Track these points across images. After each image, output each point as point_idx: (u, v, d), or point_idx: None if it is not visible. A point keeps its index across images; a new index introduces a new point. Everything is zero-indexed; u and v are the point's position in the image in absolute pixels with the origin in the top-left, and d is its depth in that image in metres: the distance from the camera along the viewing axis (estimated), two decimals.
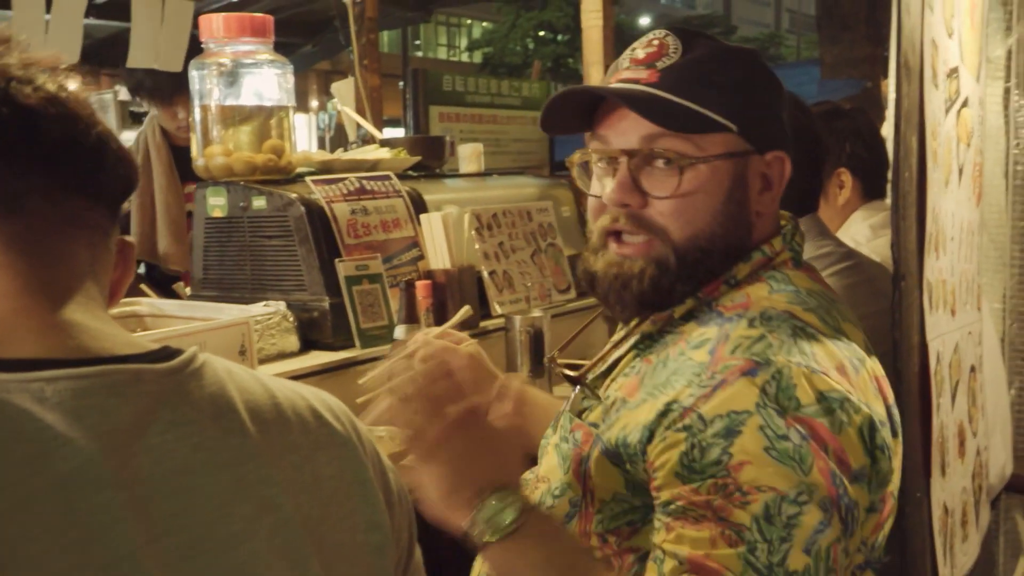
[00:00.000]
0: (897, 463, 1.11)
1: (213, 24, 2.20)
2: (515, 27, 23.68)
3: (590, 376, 1.29)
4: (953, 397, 1.51)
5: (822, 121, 2.42)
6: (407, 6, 5.15)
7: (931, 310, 1.38)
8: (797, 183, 1.95)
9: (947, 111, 1.44)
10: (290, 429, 0.87)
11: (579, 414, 1.26)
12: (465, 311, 1.79)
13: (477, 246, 2.44)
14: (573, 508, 1.18)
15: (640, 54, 1.23)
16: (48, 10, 2.52)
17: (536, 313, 2.27)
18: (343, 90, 3.60)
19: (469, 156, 2.93)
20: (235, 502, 0.80)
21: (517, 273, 2.54)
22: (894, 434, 1.10)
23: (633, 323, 1.30)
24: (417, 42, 28.65)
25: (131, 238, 0.94)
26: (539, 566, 1.04)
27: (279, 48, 2.34)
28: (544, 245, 2.65)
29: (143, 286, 2.68)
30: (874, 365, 1.14)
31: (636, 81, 1.20)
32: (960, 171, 1.53)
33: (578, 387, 1.30)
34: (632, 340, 1.25)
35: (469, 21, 29.96)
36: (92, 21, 4.50)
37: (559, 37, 23.23)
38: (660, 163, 1.18)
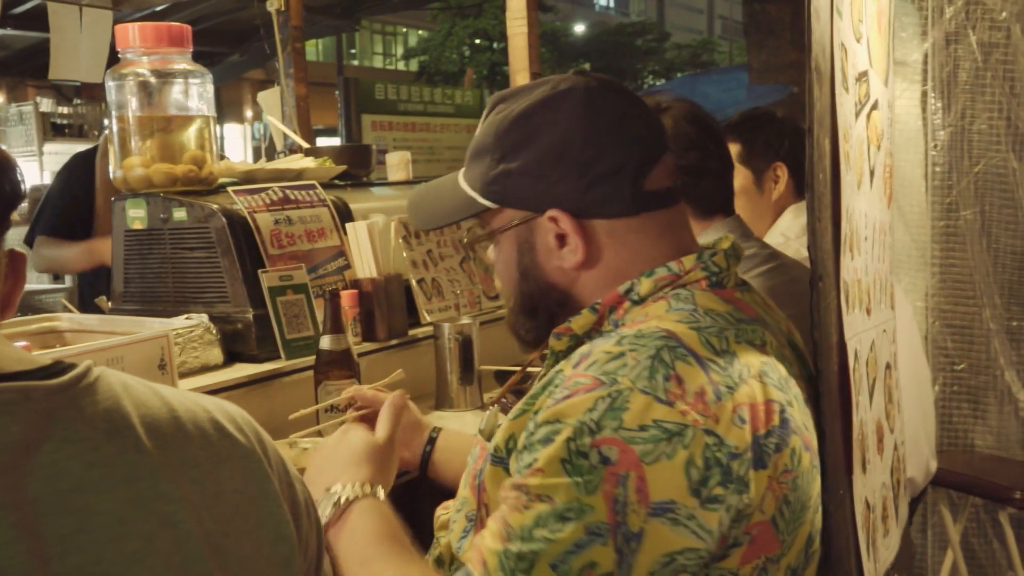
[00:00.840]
0: (765, 490, 1.05)
1: (130, 33, 2.16)
2: (451, 35, 23.67)
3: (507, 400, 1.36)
4: (871, 395, 1.53)
5: (763, 120, 2.46)
6: (334, 14, 5.11)
7: (848, 310, 1.39)
8: (706, 192, 1.97)
9: (857, 114, 1.47)
10: (190, 443, 0.85)
11: (489, 435, 1.29)
12: (397, 374, 1.82)
13: (405, 254, 2.43)
14: (469, 523, 1.22)
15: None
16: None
17: (465, 320, 2.27)
18: (269, 100, 3.57)
19: (397, 164, 2.91)
20: (132, 520, 0.78)
21: (446, 281, 2.53)
22: (759, 463, 1.04)
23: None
24: (352, 51, 28.50)
25: (21, 249, 0.91)
26: (353, 537, 1.24)
27: (206, 57, 2.32)
28: (472, 253, 2.64)
29: (64, 301, 2.62)
30: (757, 391, 1.08)
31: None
32: (872, 173, 1.56)
33: (493, 405, 1.35)
34: (549, 362, 1.27)
35: (405, 29, 29.89)
36: (10, 32, 4.41)
37: (495, 45, 23.27)
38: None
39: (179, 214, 2.10)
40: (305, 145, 2.77)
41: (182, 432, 0.85)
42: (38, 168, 5.25)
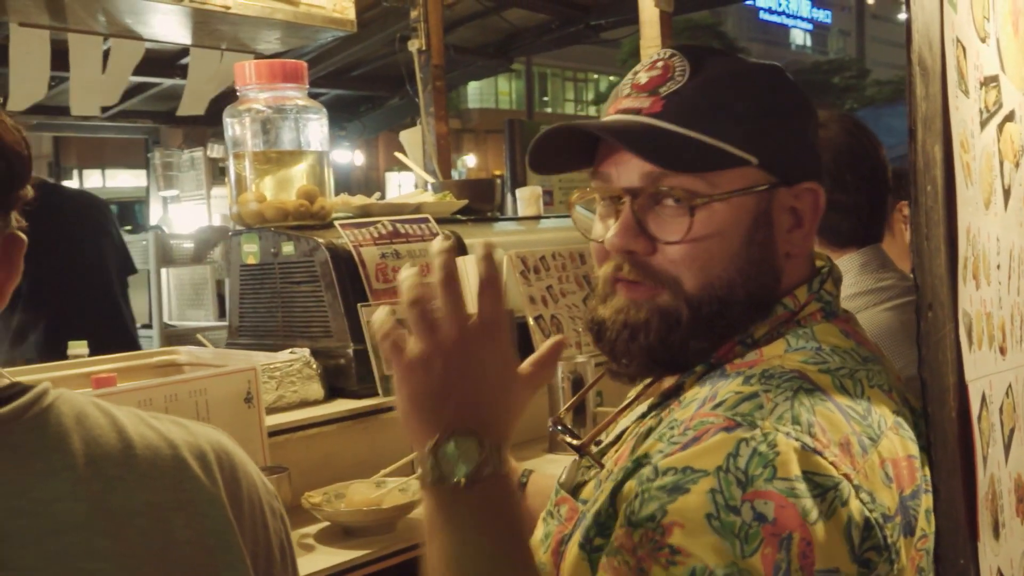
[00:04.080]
0: (911, 559, 0.92)
1: (247, 71, 2.19)
2: None
3: (595, 447, 1.14)
4: (1007, 447, 1.32)
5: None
6: (487, 55, 5.15)
7: (971, 346, 1.21)
8: (857, 211, 1.82)
9: (984, 123, 1.28)
10: (141, 488, 0.77)
11: (573, 489, 1.12)
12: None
13: (522, 289, 2.34)
14: None
15: (642, 79, 1.07)
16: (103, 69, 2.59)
17: (580, 359, 2.15)
18: (411, 139, 3.59)
19: (527, 199, 2.85)
20: None
21: (567, 318, 2.43)
22: (908, 531, 0.92)
23: (640, 387, 1.16)
24: (545, 98, 29.10)
25: (20, 232, 0.83)
26: (464, 542, 0.89)
27: (367, 101, 2.32)
28: None
29: (199, 335, 2.68)
30: (897, 444, 0.95)
31: (637, 111, 1.05)
32: (1007, 192, 1.36)
33: (578, 457, 1.17)
34: (638, 410, 1.11)
35: (596, 76, 30.27)
36: (180, 82, 4.63)
37: None
38: (668, 203, 1.03)
39: (287, 248, 2.10)
40: (429, 179, 2.74)
41: (133, 474, 0.77)
42: (207, 210, 5.52)
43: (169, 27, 2.51)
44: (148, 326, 4.78)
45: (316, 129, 2.25)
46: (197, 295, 5.17)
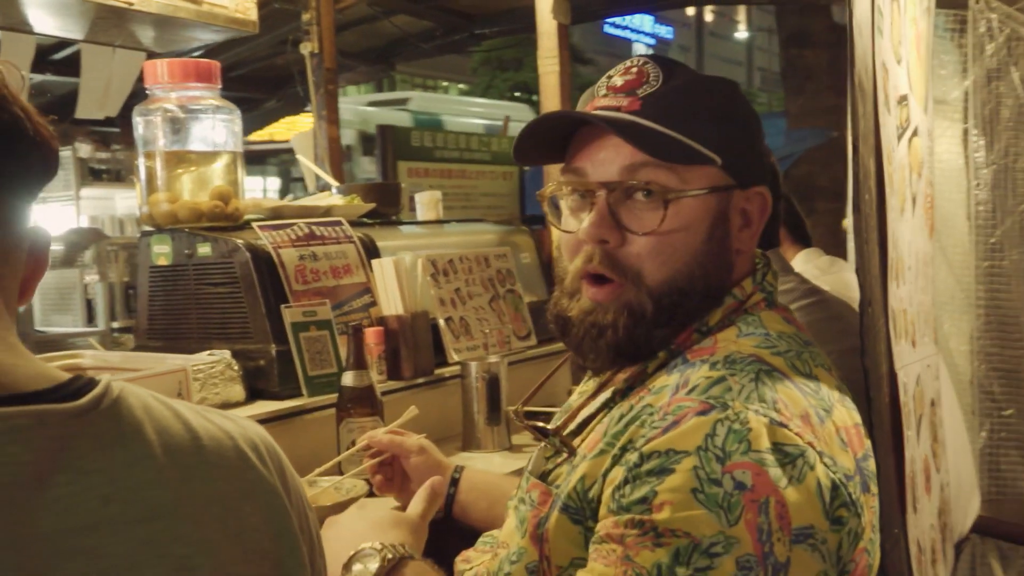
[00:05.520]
0: (870, 516, 1.03)
1: (158, 70, 2.15)
2: (490, 88, 23.88)
3: (563, 432, 1.21)
4: (918, 431, 1.45)
5: None
6: (369, 60, 5.14)
7: (896, 339, 1.32)
8: None
9: (899, 138, 1.41)
10: (214, 476, 0.79)
11: (541, 474, 1.19)
12: (411, 411, 1.77)
13: (432, 292, 2.38)
14: (530, 575, 1.10)
15: (618, 81, 1.16)
16: None
17: (493, 359, 2.21)
18: (302, 141, 3.57)
19: (427, 204, 2.88)
20: (145, 564, 0.71)
21: (475, 319, 2.48)
22: (865, 488, 1.02)
23: (604, 376, 1.24)
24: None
25: (44, 227, 0.84)
26: None
27: (241, 103, 2.30)
28: (503, 291, 2.59)
29: (92, 341, 2.60)
30: (845, 414, 1.06)
31: (617, 109, 1.14)
32: (914, 200, 1.49)
33: (543, 444, 1.24)
34: (604, 397, 1.18)
35: (446, 84, 30.24)
36: (50, 78, 4.46)
37: (534, 97, 23.43)
38: (641, 196, 1.11)
39: (204, 249, 2.08)
40: (335, 184, 2.75)
41: (205, 463, 0.79)
42: (75, 212, 5.30)
43: (66, 22, 2.43)
44: None
45: (229, 129, 2.23)
46: (64, 300, 4.97)
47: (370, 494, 1.71)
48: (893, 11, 1.40)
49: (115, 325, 4.56)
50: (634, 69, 1.16)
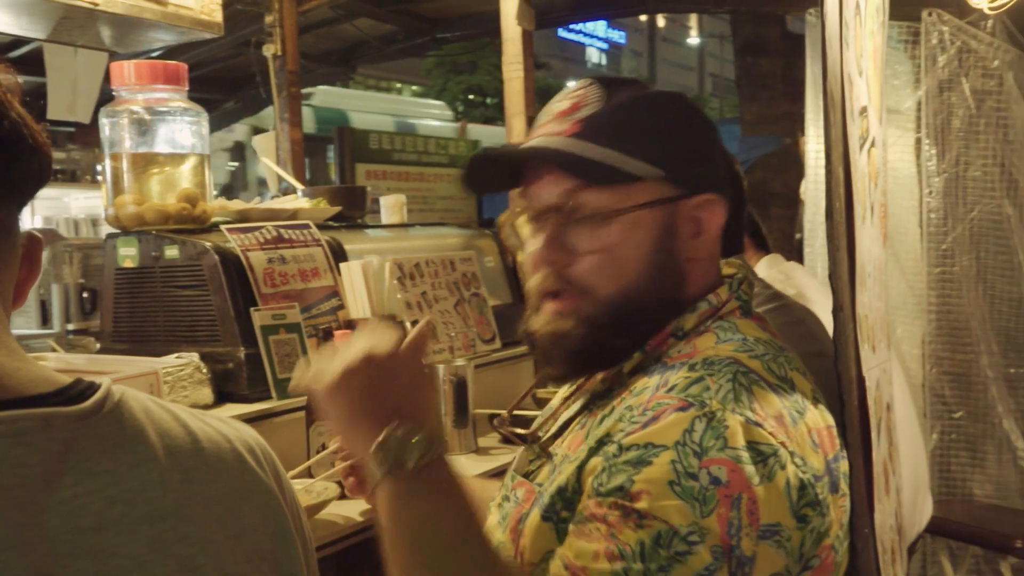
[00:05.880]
0: (838, 515, 1.07)
1: (125, 71, 2.15)
2: (445, 90, 23.87)
3: (542, 436, 1.25)
4: (878, 434, 1.50)
5: None
6: (330, 63, 5.14)
7: (861, 344, 1.37)
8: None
9: (860, 148, 1.45)
10: (214, 478, 0.80)
11: (525, 475, 1.22)
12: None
13: (399, 295, 2.39)
14: None
15: (562, 106, 1.20)
16: None
17: (460, 362, 2.23)
18: (264, 143, 3.56)
19: (392, 207, 2.89)
20: (151, 564, 0.73)
21: (441, 323, 2.50)
22: (834, 488, 1.06)
23: (581, 380, 1.27)
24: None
25: (38, 232, 0.85)
26: (424, 519, 0.99)
27: (200, 104, 2.29)
28: (468, 295, 2.61)
29: (51, 343, 2.58)
30: (818, 416, 1.10)
31: (557, 134, 1.17)
32: (872, 209, 1.54)
33: (525, 446, 1.27)
34: (582, 401, 1.23)
35: (399, 85, 30.14)
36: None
37: (488, 100, 23.47)
38: (584, 217, 1.15)
39: (171, 252, 2.07)
40: (300, 187, 2.75)
41: (205, 465, 0.80)
42: (29, 213, 5.22)
43: (30, 21, 2.41)
44: None
45: (196, 132, 2.23)
46: None
47: (342, 496, 1.72)
48: (856, 25, 1.45)
49: (71, 327, 4.50)
50: (578, 92, 1.21)
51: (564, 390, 1.36)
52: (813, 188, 3.56)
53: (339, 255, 2.32)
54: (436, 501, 1.00)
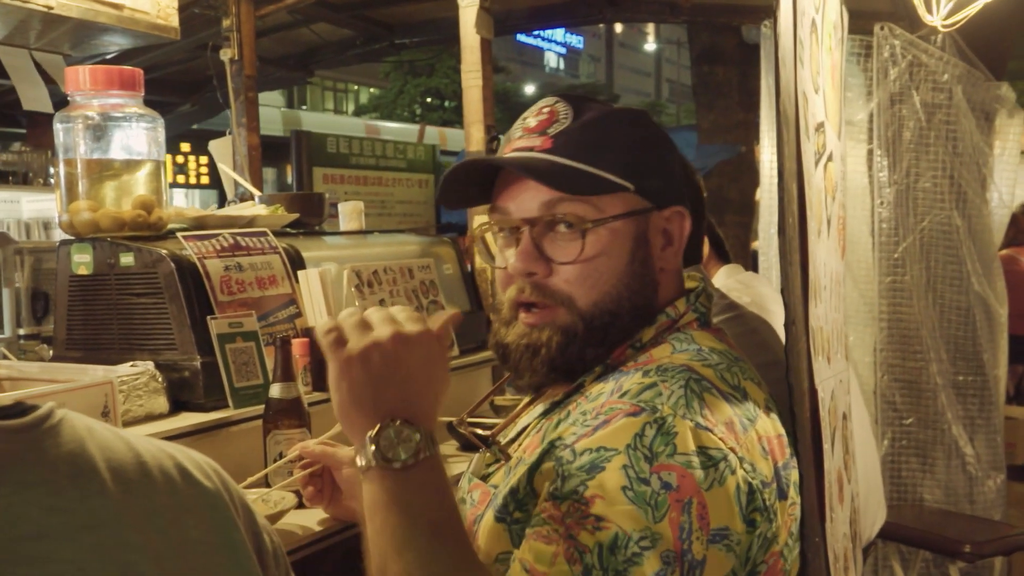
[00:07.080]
0: (787, 522, 1.09)
1: (80, 76, 2.12)
2: (402, 93, 23.81)
3: (502, 440, 1.28)
4: (832, 444, 1.52)
5: None
6: (288, 66, 5.11)
7: (815, 356, 1.39)
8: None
9: (816, 163, 1.48)
10: (156, 490, 0.81)
11: (482, 477, 1.25)
12: (338, 428, 1.77)
13: (357, 303, 2.39)
14: None
15: (532, 122, 1.24)
16: None
17: None
18: (221, 148, 3.53)
19: (350, 214, 2.88)
20: (93, 570, 0.74)
21: None
22: (782, 495, 1.09)
23: (543, 390, 1.29)
24: (304, 107, 28.57)
25: None
26: (408, 512, 0.98)
27: (156, 107, 2.27)
28: (426, 303, 2.61)
29: (2, 348, 2.54)
30: (769, 425, 1.13)
31: (531, 149, 1.20)
32: (828, 222, 1.57)
33: (483, 451, 1.29)
34: (541, 407, 1.25)
35: (356, 87, 30.01)
36: None
37: (446, 104, 23.46)
38: (562, 228, 1.18)
39: (126, 259, 2.05)
40: (257, 193, 2.73)
41: (148, 478, 0.81)
42: None
43: None
44: None
45: (152, 138, 2.20)
46: None
47: (300, 506, 1.71)
48: (812, 42, 1.47)
49: (22, 332, 4.43)
50: (546, 109, 1.24)
51: (525, 398, 1.37)
52: (768, 198, 3.61)
53: (297, 262, 2.30)
54: (421, 503, 1.00)
